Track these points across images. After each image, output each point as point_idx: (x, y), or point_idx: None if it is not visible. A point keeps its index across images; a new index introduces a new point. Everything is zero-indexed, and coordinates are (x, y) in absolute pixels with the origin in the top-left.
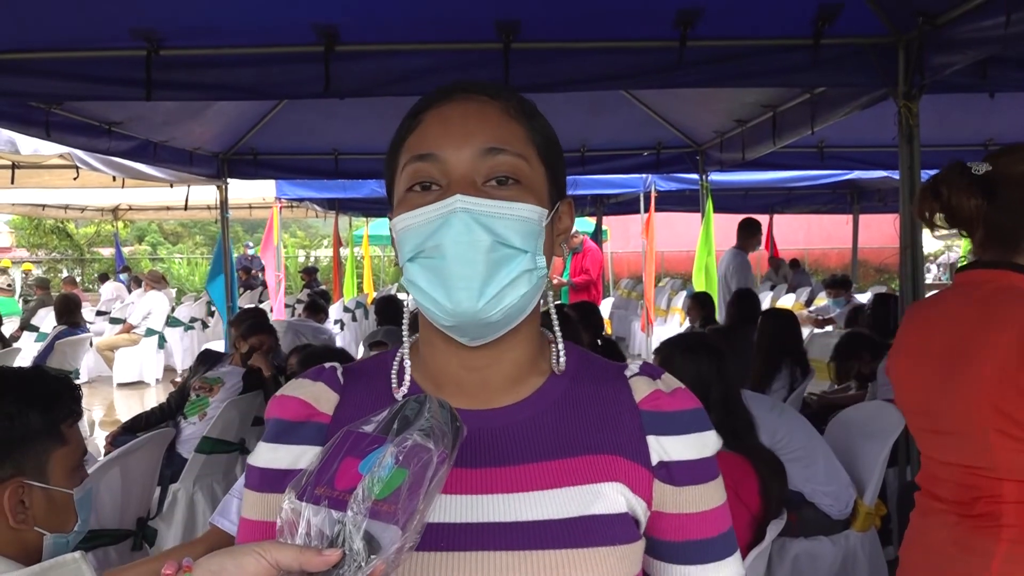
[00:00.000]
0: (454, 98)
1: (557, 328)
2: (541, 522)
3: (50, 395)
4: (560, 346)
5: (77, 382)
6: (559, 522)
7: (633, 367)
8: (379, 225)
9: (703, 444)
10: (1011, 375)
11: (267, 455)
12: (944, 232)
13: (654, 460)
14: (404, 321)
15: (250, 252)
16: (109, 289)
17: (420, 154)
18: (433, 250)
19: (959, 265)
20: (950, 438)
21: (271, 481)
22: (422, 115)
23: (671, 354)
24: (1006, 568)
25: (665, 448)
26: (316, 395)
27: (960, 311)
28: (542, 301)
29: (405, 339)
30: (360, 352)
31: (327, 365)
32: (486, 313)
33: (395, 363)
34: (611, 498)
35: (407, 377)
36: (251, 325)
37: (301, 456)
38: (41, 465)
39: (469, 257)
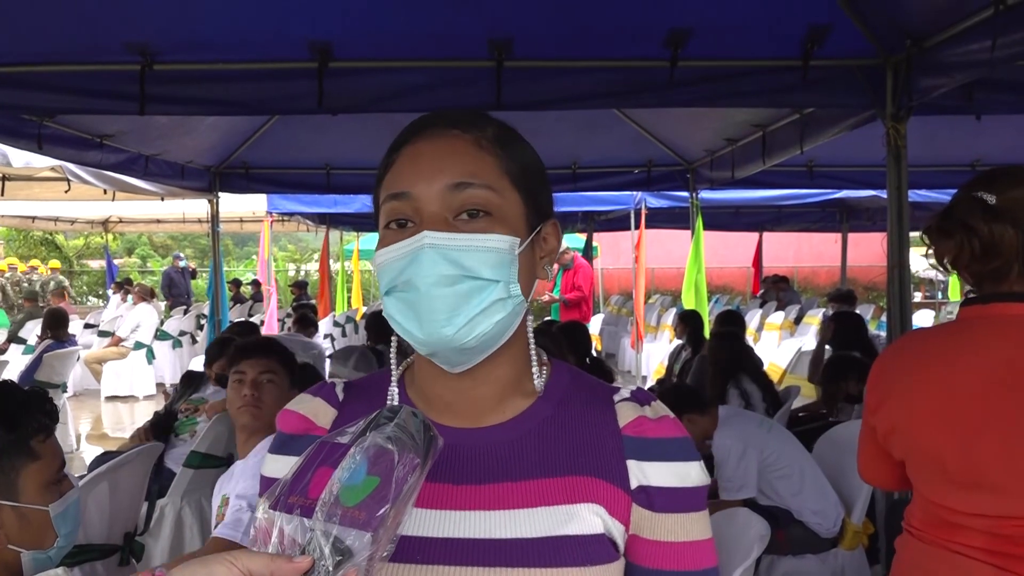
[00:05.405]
0: (426, 134)
1: (533, 352)
2: (514, 540)
3: (16, 410)
4: (542, 368)
5: (65, 395)
6: (531, 540)
7: (624, 392)
8: (370, 240)
9: (685, 473)
10: None
11: (271, 465)
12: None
13: (633, 484)
14: (392, 346)
15: (180, 264)
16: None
17: (394, 193)
18: (404, 285)
19: (971, 296)
20: (994, 492)
21: None
22: (396, 153)
23: None
24: None
25: (645, 473)
26: (314, 410)
27: (1004, 351)
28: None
29: (393, 364)
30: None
31: (329, 381)
32: (460, 340)
33: (392, 381)
34: (586, 519)
35: (395, 398)
36: (216, 345)
37: None
38: (11, 483)
39: (437, 292)
